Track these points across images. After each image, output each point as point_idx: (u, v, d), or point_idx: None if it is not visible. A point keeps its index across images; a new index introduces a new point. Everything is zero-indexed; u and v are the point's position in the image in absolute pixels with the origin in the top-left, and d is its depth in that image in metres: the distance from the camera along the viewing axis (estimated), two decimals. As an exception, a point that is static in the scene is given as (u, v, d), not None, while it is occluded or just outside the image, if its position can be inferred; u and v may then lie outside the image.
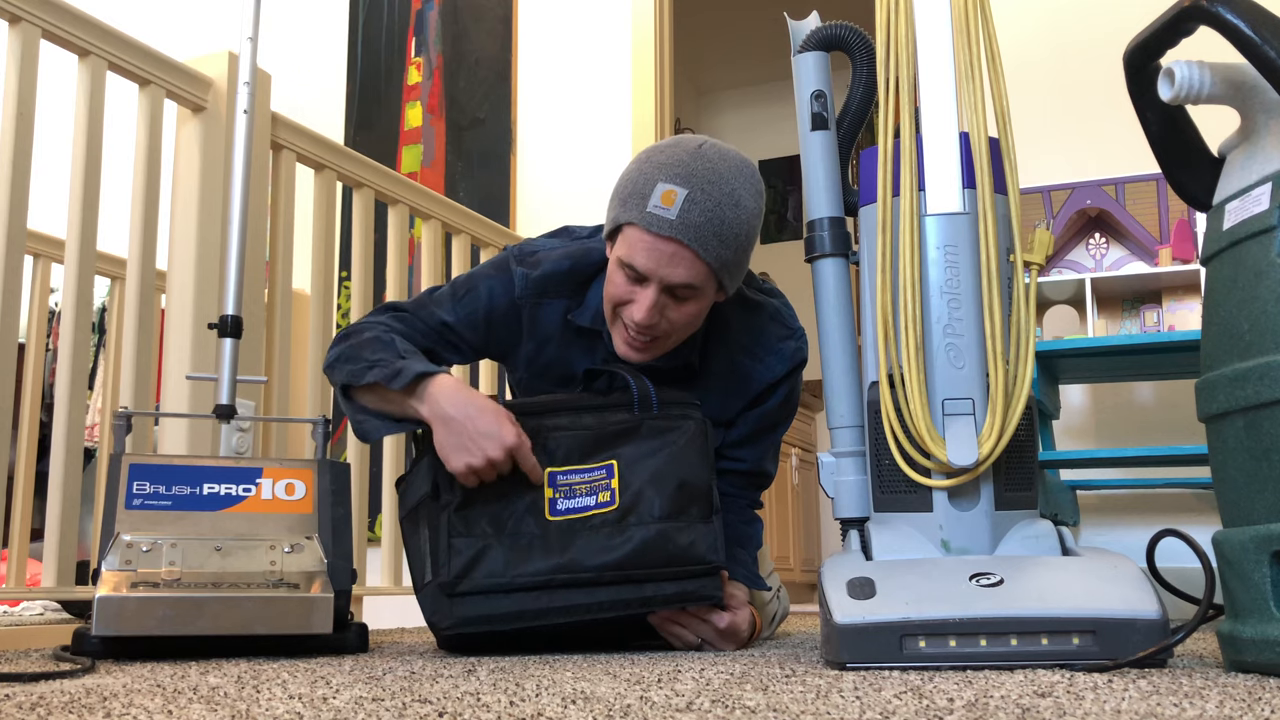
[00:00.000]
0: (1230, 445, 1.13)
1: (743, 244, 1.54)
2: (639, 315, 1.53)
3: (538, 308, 1.68)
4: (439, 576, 1.48)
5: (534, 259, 1.69)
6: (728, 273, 1.55)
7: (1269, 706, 0.84)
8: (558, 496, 1.52)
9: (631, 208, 1.51)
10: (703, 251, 1.49)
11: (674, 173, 1.50)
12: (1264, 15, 1.11)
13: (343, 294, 3.93)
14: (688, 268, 1.50)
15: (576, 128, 3.90)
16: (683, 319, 1.56)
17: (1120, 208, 2.93)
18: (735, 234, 1.51)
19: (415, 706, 0.88)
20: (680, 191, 1.48)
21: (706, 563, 1.51)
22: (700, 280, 1.52)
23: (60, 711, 0.87)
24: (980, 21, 1.39)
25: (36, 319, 2.98)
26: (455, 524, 1.49)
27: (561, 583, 1.48)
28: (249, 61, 1.84)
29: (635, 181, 1.52)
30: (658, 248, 1.49)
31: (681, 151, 1.53)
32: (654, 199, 1.49)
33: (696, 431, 1.57)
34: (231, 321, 1.76)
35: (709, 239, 1.49)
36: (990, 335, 1.31)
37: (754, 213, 1.54)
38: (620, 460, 1.54)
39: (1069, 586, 1.19)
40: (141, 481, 1.55)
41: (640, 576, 1.50)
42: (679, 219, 1.48)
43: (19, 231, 1.78)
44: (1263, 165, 1.14)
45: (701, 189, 1.49)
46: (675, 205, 1.48)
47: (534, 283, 1.67)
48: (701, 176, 1.50)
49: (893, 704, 0.87)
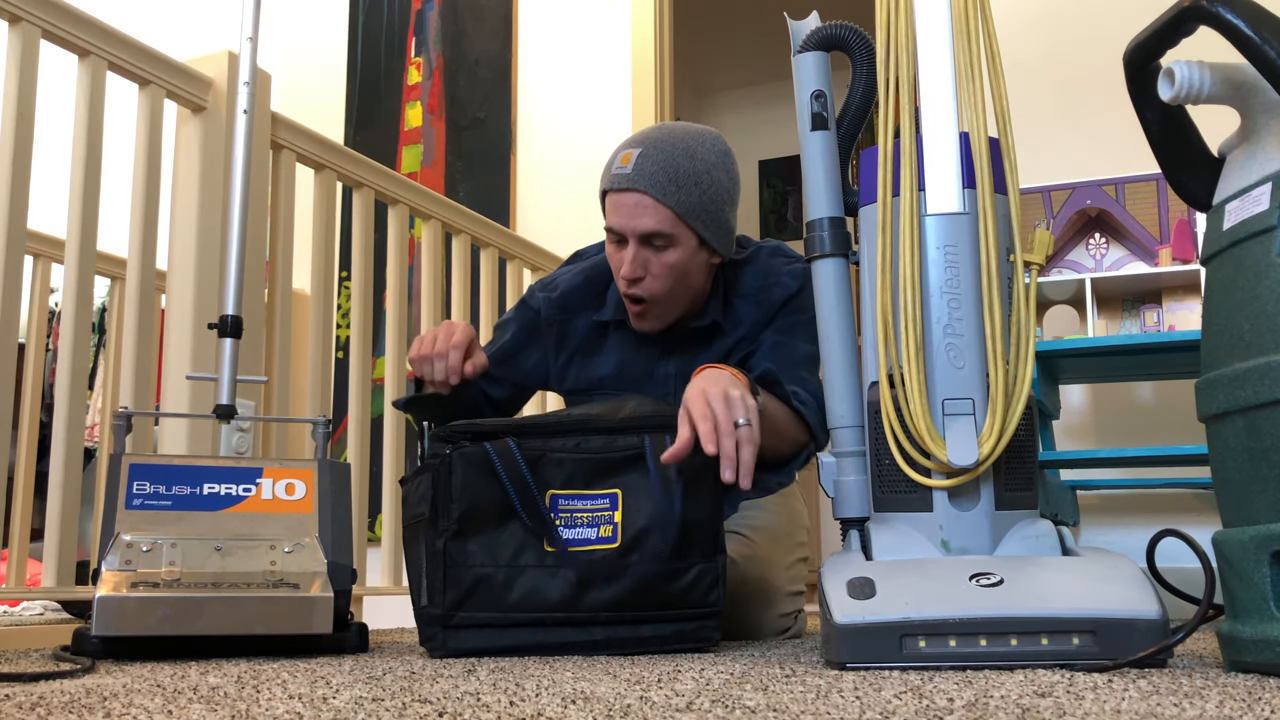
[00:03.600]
0: (1230, 445, 1.13)
1: (705, 189, 1.65)
2: (623, 270, 1.66)
3: (565, 324, 1.83)
4: (434, 606, 1.46)
5: (553, 285, 1.86)
6: (698, 219, 1.66)
7: (1269, 706, 0.84)
8: (559, 524, 1.47)
9: (603, 181, 1.69)
10: (659, 194, 1.62)
11: (633, 141, 1.69)
12: (1264, 15, 1.11)
13: (343, 294, 3.92)
14: (651, 215, 1.63)
15: (576, 128, 3.90)
16: (665, 271, 1.67)
17: (1120, 208, 2.93)
18: (694, 180, 1.64)
19: (415, 706, 0.88)
20: (635, 151, 1.66)
21: (706, 605, 1.49)
22: (668, 226, 1.64)
23: (60, 711, 0.87)
24: (980, 21, 1.39)
25: (36, 319, 2.98)
26: (452, 552, 1.45)
27: (557, 621, 1.45)
28: (249, 61, 1.84)
29: (607, 161, 1.70)
30: (621, 202, 1.65)
31: (646, 128, 1.72)
32: (615, 164, 1.67)
33: (704, 465, 1.51)
34: (231, 321, 1.76)
35: (664, 184, 1.63)
36: (990, 335, 1.31)
37: (713, 165, 1.67)
38: (625, 490, 1.49)
39: (1069, 586, 1.19)
40: (141, 481, 1.55)
41: (638, 617, 1.46)
42: (634, 171, 1.64)
43: (19, 231, 1.78)
44: (1263, 165, 1.14)
45: (654, 145, 1.66)
46: (630, 162, 1.65)
47: (556, 302, 1.83)
48: (655, 138, 1.67)
49: (893, 704, 0.87)
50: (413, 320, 3.75)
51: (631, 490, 1.49)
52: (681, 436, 1.42)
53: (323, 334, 2.38)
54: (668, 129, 1.69)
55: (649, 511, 1.47)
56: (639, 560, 1.46)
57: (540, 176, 3.91)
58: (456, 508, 1.46)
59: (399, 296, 2.67)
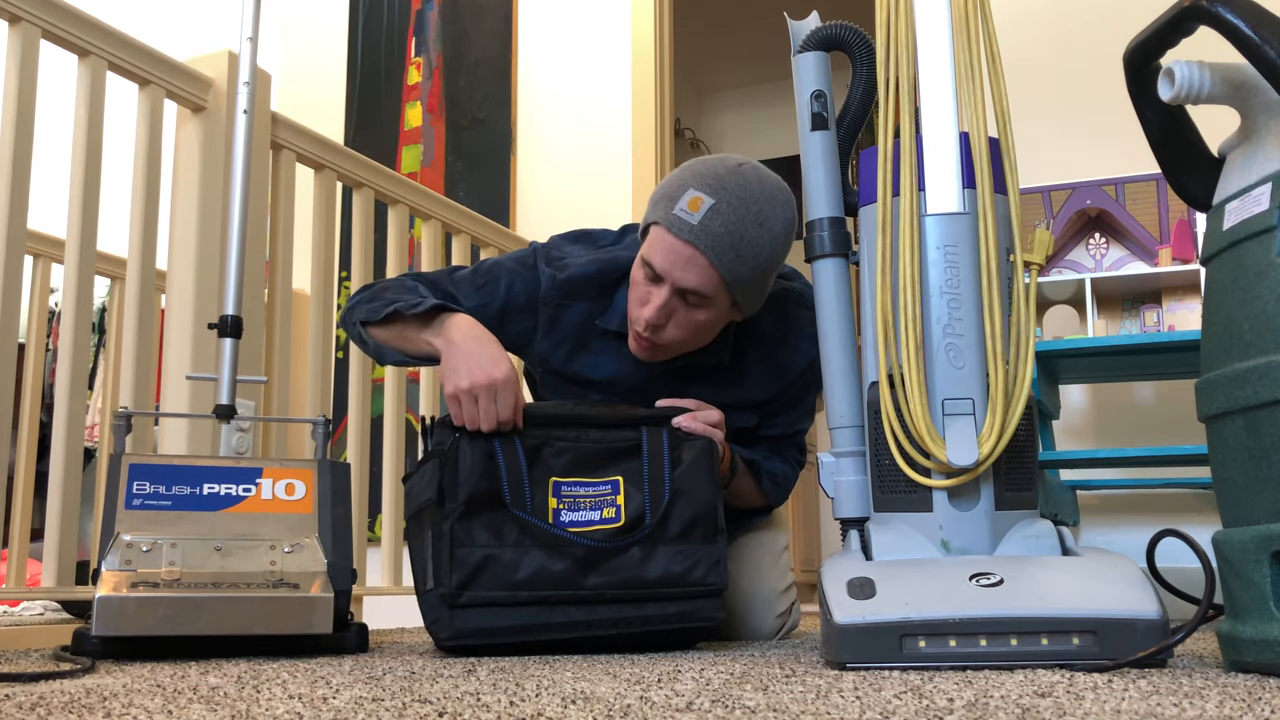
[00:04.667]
0: (1230, 445, 1.13)
1: (762, 265, 1.55)
2: (647, 313, 1.57)
3: (561, 308, 1.73)
4: (440, 586, 1.47)
5: (561, 262, 1.74)
6: (742, 290, 1.57)
7: (1269, 706, 0.84)
8: (562, 507, 1.51)
9: (661, 209, 1.55)
10: (717, 261, 1.51)
11: (706, 182, 1.53)
12: (1264, 15, 1.11)
13: (343, 294, 3.92)
14: (700, 275, 1.53)
15: (576, 128, 3.90)
16: (690, 326, 1.59)
17: (1120, 208, 2.93)
18: (755, 253, 1.53)
19: (415, 706, 0.88)
20: (707, 200, 1.51)
21: (708, 585, 1.52)
22: (711, 290, 1.54)
23: (60, 711, 0.87)
24: (980, 21, 1.39)
25: (36, 319, 2.98)
26: (458, 533, 1.48)
27: (562, 599, 1.48)
28: (249, 61, 1.84)
29: (670, 185, 1.56)
30: (675, 249, 1.52)
31: (720, 165, 1.56)
32: (681, 203, 1.53)
33: (703, 450, 1.57)
34: (231, 321, 1.76)
35: (725, 250, 1.51)
36: (990, 335, 1.31)
37: (779, 237, 1.55)
38: (626, 477, 1.54)
39: (1069, 586, 1.19)
40: (141, 481, 1.55)
41: (641, 596, 1.50)
42: (700, 225, 1.51)
43: (19, 231, 1.78)
44: (1263, 165, 1.14)
45: (728, 202, 1.51)
46: (700, 212, 1.51)
47: (560, 284, 1.71)
48: (731, 190, 1.52)
49: (893, 704, 0.87)
50: (413, 320, 3.75)
51: (632, 476, 1.54)
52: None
53: (323, 334, 2.39)
54: (744, 179, 1.54)
55: (650, 495, 1.53)
56: (641, 540, 1.51)
57: (540, 176, 3.91)
58: (463, 490, 1.48)
59: (399, 296, 2.67)
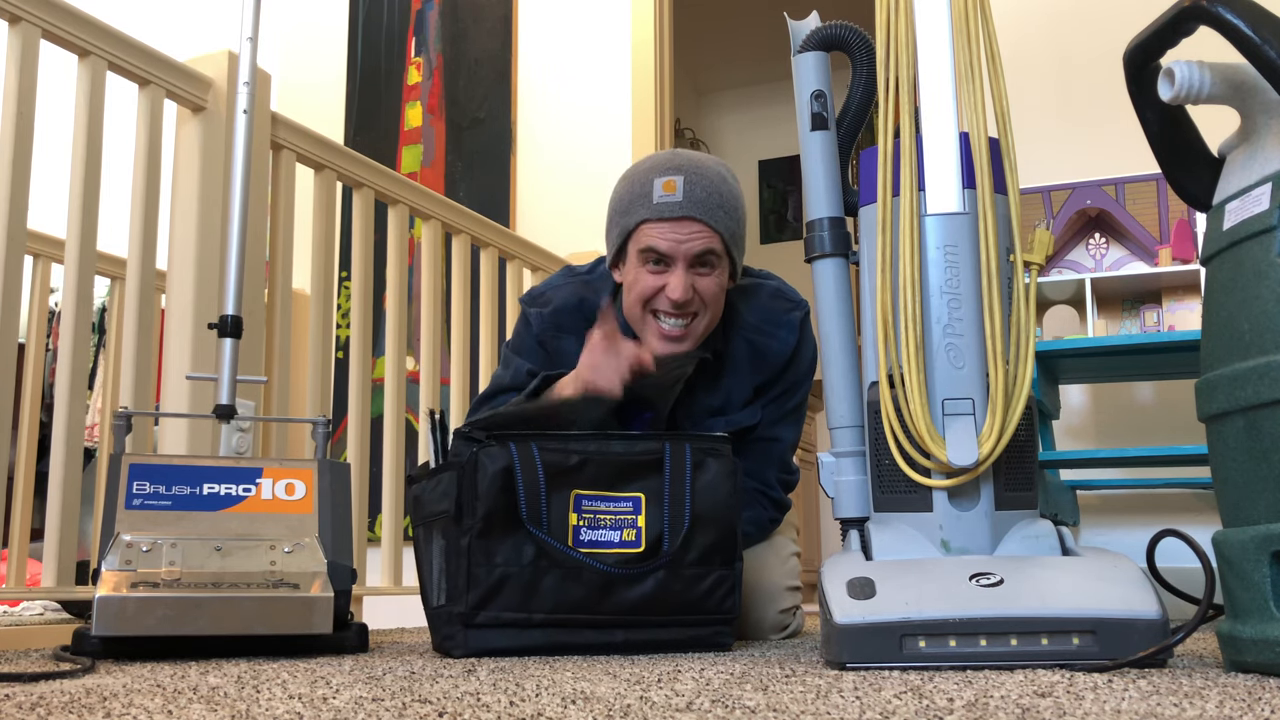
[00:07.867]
0: (1230, 445, 1.13)
1: (740, 216, 1.74)
2: (676, 293, 1.68)
3: (557, 340, 1.84)
4: (455, 605, 1.46)
5: (544, 298, 1.87)
6: (735, 245, 1.73)
7: (1269, 706, 0.84)
8: (582, 524, 1.49)
9: (638, 210, 1.70)
10: (713, 221, 1.68)
11: (665, 169, 1.71)
12: (1264, 15, 1.11)
13: (343, 294, 3.92)
14: (704, 238, 1.68)
15: (576, 128, 3.90)
16: (710, 291, 1.72)
17: (1120, 208, 2.93)
18: (734, 205, 1.72)
19: (415, 706, 0.88)
20: (678, 178, 1.68)
21: (722, 611, 1.52)
22: (718, 248, 1.70)
23: (60, 711, 0.87)
24: (980, 22, 1.39)
25: (36, 319, 2.98)
26: (476, 552, 1.45)
27: (579, 622, 1.47)
28: (249, 61, 1.84)
29: (631, 191, 1.72)
30: (675, 228, 1.67)
31: (661, 156, 1.75)
32: (657, 192, 1.69)
33: (726, 472, 1.54)
34: (231, 321, 1.76)
35: (715, 210, 1.69)
36: (990, 335, 1.31)
37: (740, 191, 1.76)
38: (647, 495, 1.51)
39: (1069, 586, 1.19)
40: (141, 481, 1.55)
41: (656, 622, 1.50)
42: (685, 199, 1.67)
43: (19, 231, 1.78)
44: (1263, 165, 1.14)
45: (694, 173, 1.69)
46: (678, 190, 1.68)
47: (548, 319, 1.84)
48: (690, 165, 1.71)
49: (893, 704, 0.87)
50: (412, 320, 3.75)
51: (654, 495, 1.52)
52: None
53: (323, 334, 2.38)
54: (688, 155, 1.74)
55: (671, 517, 1.51)
56: (659, 565, 1.49)
57: (540, 176, 3.91)
58: (482, 506, 1.46)
59: (399, 296, 2.67)
